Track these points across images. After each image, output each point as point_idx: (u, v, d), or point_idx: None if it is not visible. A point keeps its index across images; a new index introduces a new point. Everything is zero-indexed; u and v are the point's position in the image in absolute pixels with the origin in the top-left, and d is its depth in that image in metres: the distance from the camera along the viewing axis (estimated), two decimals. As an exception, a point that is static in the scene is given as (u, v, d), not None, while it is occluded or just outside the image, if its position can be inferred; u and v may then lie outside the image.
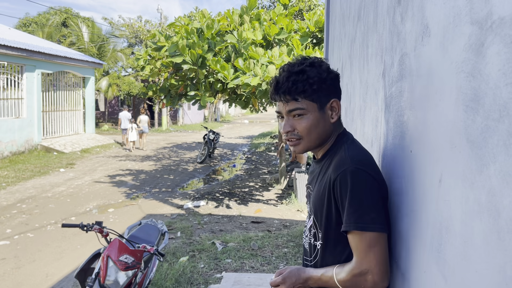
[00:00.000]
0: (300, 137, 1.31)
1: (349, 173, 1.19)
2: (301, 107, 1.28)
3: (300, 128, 1.30)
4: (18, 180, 9.63)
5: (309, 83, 1.26)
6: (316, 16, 8.12)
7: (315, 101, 1.28)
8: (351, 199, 1.18)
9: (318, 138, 1.32)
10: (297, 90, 1.27)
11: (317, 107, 1.29)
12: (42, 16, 27.55)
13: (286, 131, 1.32)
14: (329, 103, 1.31)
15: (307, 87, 1.26)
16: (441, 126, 0.84)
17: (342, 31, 3.03)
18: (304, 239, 1.47)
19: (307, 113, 1.29)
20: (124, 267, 2.83)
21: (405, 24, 1.13)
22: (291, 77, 1.28)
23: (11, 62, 12.98)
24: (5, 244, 5.50)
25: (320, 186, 1.31)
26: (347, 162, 1.21)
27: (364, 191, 1.17)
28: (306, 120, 1.29)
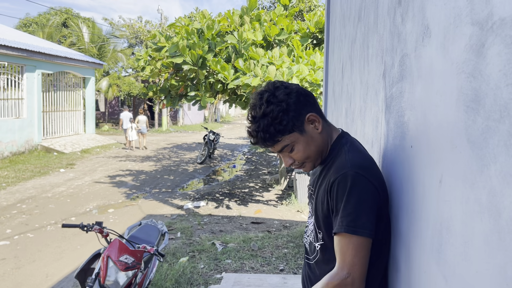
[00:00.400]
0: (303, 162, 1.36)
1: (347, 176, 1.21)
2: (286, 144, 1.31)
3: (297, 157, 1.34)
4: (18, 180, 9.63)
5: (276, 123, 1.28)
6: (316, 16, 8.13)
7: (293, 130, 1.30)
8: (347, 203, 1.19)
9: (317, 153, 1.35)
10: (271, 136, 1.30)
11: (297, 133, 1.31)
12: (42, 16, 27.56)
13: (289, 165, 1.37)
14: (305, 122, 1.32)
15: (277, 127, 1.28)
16: (441, 126, 0.84)
17: (342, 32, 3.03)
18: (305, 238, 1.49)
19: (294, 144, 1.32)
20: (124, 267, 2.83)
21: (406, 24, 1.13)
22: (259, 128, 1.30)
23: (11, 62, 12.99)
24: (5, 244, 5.50)
25: (321, 189, 1.33)
26: (347, 165, 1.23)
27: (360, 196, 1.19)
28: (297, 149, 1.32)
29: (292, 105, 1.30)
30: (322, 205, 1.30)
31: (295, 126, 1.30)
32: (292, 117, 1.29)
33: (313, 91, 6.87)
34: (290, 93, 1.32)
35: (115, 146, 16.55)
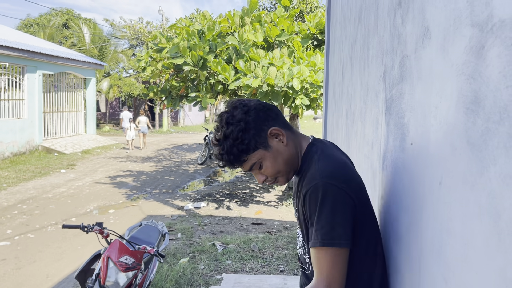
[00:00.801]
0: (275, 177, 1.34)
1: (318, 188, 1.18)
2: (253, 162, 1.30)
3: (267, 173, 1.32)
4: (19, 180, 9.64)
5: (238, 143, 1.27)
6: (317, 18, 8.14)
7: (257, 148, 1.29)
8: (319, 215, 1.17)
9: (287, 165, 1.33)
10: (236, 158, 1.29)
11: (262, 150, 1.30)
12: (43, 17, 27.60)
13: (262, 182, 1.36)
14: (268, 137, 1.30)
15: (240, 147, 1.27)
16: (441, 128, 0.84)
17: (343, 33, 3.03)
18: (297, 249, 1.48)
19: (262, 161, 1.31)
20: (124, 268, 2.83)
21: (406, 26, 1.13)
22: (223, 150, 1.30)
23: (12, 63, 13.01)
24: (6, 244, 5.50)
25: (298, 201, 1.31)
26: (317, 176, 1.20)
27: (332, 207, 1.17)
28: (266, 166, 1.31)
29: (252, 123, 1.29)
30: (303, 218, 1.28)
31: (258, 143, 1.29)
32: (253, 135, 1.28)
33: (314, 92, 6.88)
34: (248, 111, 1.30)
35: (115, 147, 16.56)
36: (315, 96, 7.01)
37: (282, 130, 1.32)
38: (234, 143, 1.27)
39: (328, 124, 4.27)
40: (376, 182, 1.52)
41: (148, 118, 18.97)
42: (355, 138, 2.13)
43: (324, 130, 4.49)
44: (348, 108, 2.48)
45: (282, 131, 1.31)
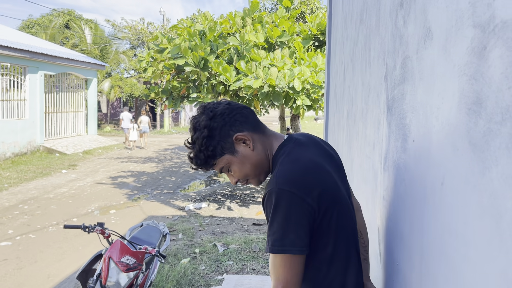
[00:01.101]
0: (246, 179, 1.35)
1: (272, 194, 1.17)
2: (221, 166, 1.33)
3: (237, 176, 1.34)
4: (20, 181, 9.65)
5: (203, 150, 1.29)
6: (318, 18, 8.14)
7: (223, 153, 1.31)
8: (272, 220, 1.17)
9: (255, 170, 1.33)
10: (203, 162, 1.32)
11: (229, 155, 1.31)
12: (45, 18, 27.64)
13: (234, 183, 1.38)
14: (235, 143, 1.30)
15: (206, 153, 1.30)
16: (443, 129, 0.84)
17: (344, 34, 3.03)
18: None
19: (230, 165, 1.32)
20: (125, 268, 2.83)
21: (408, 27, 1.13)
22: (192, 155, 1.33)
23: (14, 63, 13.03)
24: (7, 245, 5.51)
25: None
26: (273, 181, 1.20)
27: (285, 213, 1.15)
28: (234, 170, 1.33)
29: (216, 129, 1.29)
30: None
31: (224, 148, 1.30)
32: (218, 141, 1.29)
33: (315, 93, 6.88)
34: (213, 116, 1.30)
35: (117, 147, 16.58)
36: (316, 97, 7.01)
37: (249, 135, 1.31)
38: (200, 149, 1.29)
39: (329, 125, 4.27)
40: (377, 182, 1.52)
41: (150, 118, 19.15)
42: (356, 139, 2.13)
43: (325, 130, 4.49)
44: (350, 109, 2.48)
45: (249, 136, 1.31)
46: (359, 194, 1.98)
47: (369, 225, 1.66)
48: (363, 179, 1.85)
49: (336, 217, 1.21)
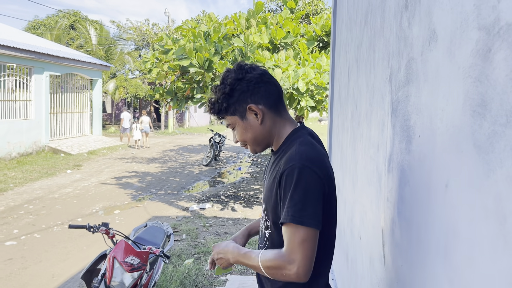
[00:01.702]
0: (244, 143, 1.48)
1: (295, 169, 1.25)
2: (229, 122, 1.46)
3: (238, 137, 1.47)
4: (26, 181, 9.71)
5: (219, 103, 1.42)
6: (322, 20, 8.14)
7: (234, 114, 1.42)
8: (293, 193, 1.24)
9: (255, 141, 1.44)
10: (215, 112, 1.45)
11: (238, 118, 1.42)
12: (51, 18, 27.79)
13: (235, 142, 1.50)
14: (247, 110, 1.40)
15: (220, 107, 1.43)
16: (447, 130, 0.84)
17: (348, 36, 3.03)
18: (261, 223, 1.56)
19: (235, 125, 1.45)
20: (130, 268, 2.84)
21: (412, 29, 1.13)
22: (213, 100, 1.46)
23: (20, 64, 13.12)
24: (12, 244, 5.54)
25: (271, 178, 1.39)
26: (296, 158, 1.27)
27: (306, 188, 1.23)
28: (237, 130, 1.45)
29: (236, 92, 1.40)
30: (271, 195, 1.36)
31: (236, 110, 1.41)
32: (233, 103, 1.41)
33: (319, 94, 6.87)
34: (241, 79, 1.40)
35: (121, 148, 16.64)
36: (320, 98, 7.01)
37: (263, 110, 1.40)
38: (217, 100, 1.43)
39: (333, 126, 4.27)
40: (381, 184, 1.52)
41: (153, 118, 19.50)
42: (360, 140, 2.13)
43: (330, 132, 4.49)
44: (354, 110, 2.48)
45: (261, 111, 1.40)
46: (363, 195, 1.98)
47: (373, 226, 1.66)
48: (367, 180, 1.85)
49: (334, 206, 1.35)
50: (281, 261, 1.24)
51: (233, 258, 1.42)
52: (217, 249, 1.49)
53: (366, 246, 1.84)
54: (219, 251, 1.47)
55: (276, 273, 1.26)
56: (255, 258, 1.33)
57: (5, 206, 7.48)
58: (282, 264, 1.23)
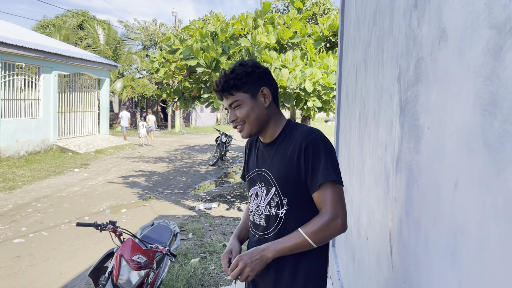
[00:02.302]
0: (242, 122, 1.59)
1: (320, 139, 1.49)
2: (236, 100, 1.57)
3: (240, 115, 1.57)
4: (34, 179, 9.79)
5: (237, 78, 1.55)
6: (330, 20, 8.12)
7: (246, 91, 1.57)
8: (327, 158, 1.46)
9: (257, 121, 1.58)
10: (230, 86, 1.56)
11: (249, 96, 1.57)
12: (59, 18, 28.00)
13: (231, 120, 1.61)
14: (259, 92, 1.58)
15: (237, 81, 1.55)
16: (457, 130, 0.84)
17: (356, 35, 3.03)
18: (256, 218, 1.65)
19: (243, 103, 1.57)
20: (136, 266, 2.85)
21: (422, 28, 1.13)
22: (225, 77, 1.58)
23: (29, 63, 13.23)
24: (20, 242, 5.59)
25: (284, 159, 1.54)
26: (314, 131, 1.51)
27: (333, 154, 1.49)
28: (242, 108, 1.57)
29: (256, 73, 1.58)
30: (290, 172, 1.51)
31: (250, 89, 1.57)
32: (251, 81, 1.56)
33: (326, 95, 6.86)
34: (259, 66, 1.61)
35: (128, 147, 16.72)
36: (327, 98, 6.99)
37: (271, 97, 1.60)
38: (235, 78, 1.55)
39: (340, 126, 4.26)
40: (389, 184, 1.51)
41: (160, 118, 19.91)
42: (368, 140, 2.12)
43: (337, 132, 4.48)
44: (362, 110, 2.47)
45: (270, 96, 1.60)
46: (370, 195, 1.98)
47: (381, 226, 1.66)
48: (375, 180, 1.84)
49: None
50: (327, 220, 1.43)
51: (271, 252, 1.47)
52: (246, 257, 1.48)
53: (373, 246, 1.84)
54: (252, 256, 1.47)
55: (324, 234, 1.44)
56: (296, 235, 1.46)
57: (13, 204, 7.55)
58: (329, 223, 1.43)
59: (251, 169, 1.73)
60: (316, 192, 1.47)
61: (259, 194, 1.65)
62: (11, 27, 15.70)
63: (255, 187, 1.67)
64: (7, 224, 6.33)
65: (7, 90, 12.51)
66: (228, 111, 1.66)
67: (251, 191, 1.70)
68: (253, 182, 1.69)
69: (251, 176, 1.71)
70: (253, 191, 1.69)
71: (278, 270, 1.56)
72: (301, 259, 1.52)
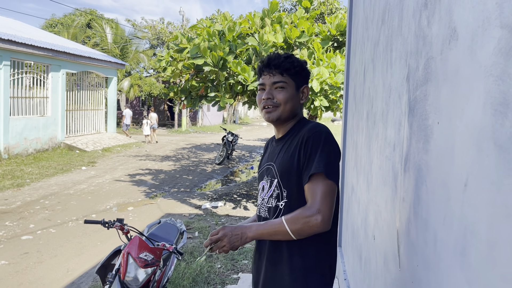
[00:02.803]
0: (278, 105, 1.61)
1: (321, 132, 1.51)
2: (284, 81, 1.61)
3: (279, 97, 1.61)
4: (42, 176, 9.87)
5: (294, 65, 1.61)
6: (337, 19, 8.10)
7: (295, 80, 1.63)
8: (322, 152, 1.46)
9: (290, 110, 1.62)
10: (285, 66, 1.60)
11: (294, 85, 1.63)
12: (67, 17, 28.17)
13: (266, 98, 1.62)
14: (302, 87, 1.66)
15: (292, 66, 1.61)
16: (467, 130, 0.83)
17: (365, 35, 3.02)
18: (261, 212, 1.69)
19: (287, 87, 1.61)
20: (143, 264, 2.87)
21: (432, 27, 1.13)
22: (282, 57, 1.62)
23: (37, 61, 13.33)
24: (28, 238, 5.64)
25: (288, 152, 1.57)
26: (320, 126, 1.54)
27: (332, 149, 1.49)
28: (285, 92, 1.61)
29: (305, 71, 1.67)
30: (290, 165, 1.53)
31: (296, 78, 1.63)
32: (301, 74, 1.65)
33: (333, 94, 6.84)
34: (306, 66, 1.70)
35: (135, 145, 16.79)
36: (334, 98, 6.97)
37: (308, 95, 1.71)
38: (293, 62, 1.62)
39: (348, 126, 4.25)
40: (397, 184, 1.51)
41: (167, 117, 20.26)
42: (376, 140, 2.11)
43: (344, 131, 4.47)
44: (369, 110, 2.46)
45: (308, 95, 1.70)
46: (377, 195, 1.97)
47: (388, 226, 1.65)
48: (383, 180, 1.84)
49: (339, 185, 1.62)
50: (308, 213, 1.40)
51: (252, 232, 1.47)
52: (228, 229, 1.50)
53: (380, 246, 1.84)
54: (234, 230, 1.49)
55: (303, 228, 1.40)
56: (278, 221, 1.44)
57: (21, 201, 7.62)
58: (310, 217, 1.40)
59: (262, 165, 1.77)
60: (307, 184, 1.47)
61: (265, 187, 1.68)
62: (20, 25, 15.83)
63: (263, 181, 1.70)
64: (15, 221, 6.39)
65: (16, 88, 12.61)
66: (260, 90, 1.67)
67: (260, 185, 1.73)
68: (261, 176, 1.73)
69: (261, 171, 1.74)
70: (261, 185, 1.72)
71: (275, 264, 1.58)
72: (295, 254, 1.53)
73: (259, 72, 1.67)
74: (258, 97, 1.68)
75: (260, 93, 1.66)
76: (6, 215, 6.65)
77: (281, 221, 1.44)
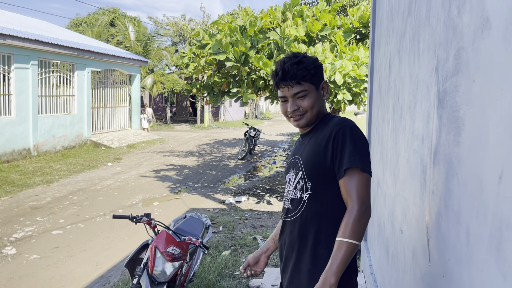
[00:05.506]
0: (305, 112, 1.64)
1: (351, 127, 1.53)
2: (304, 89, 1.62)
3: (304, 105, 1.63)
4: (70, 173, 10.13)
5: (307, 69, 1.61)
6: (360, 11, 7.97)
7: (313, 83, 1.64)
8: (355, 144, 1.49)
9: (317, 113, 1.65)
10: (301, 75, 1.60)
11: (314, 88, 1.64)
12: (91, 16, 28.69)
13: (292, 110, 1.64)
14: (321, 84, 1.67)
15: (307, 72, 1.60)
16: (502, 121, 0.81)
17: (390, 26, 2.97)
18: (285, 203, 1.72)
19: (309, 93, 1.63)
20: (171, 258, 2.92)
21: (462, 17, 1.10)
22: (294, 66, 1.60)
23: (63, 60, 13.64)
24: (59, 233, 5.81)
25: (315, 145, 1.60)
26: (346, 120, 1.57)
27: (363, 141, 1.52)
28: (309, 99, 1.63)
29: (320, 68, 1.66)
30: (317, 156, 1.56)
31: (315, 81, 1.64)
32: (317, 74, 1.64)
33: (357, 87, 6.76)
34: (319, 62, 1.68)
35: (159, 142, 17.02)
36: (357, 91, 6.89)
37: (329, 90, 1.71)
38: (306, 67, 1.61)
39: (372, 119, 4.20)
40: (426, 177, 1.49)
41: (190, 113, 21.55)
42: (403, 133, 2.08)
43: (369, 124, 4.41)
44: (396, 102, 2.43)
45: (328, 90, 1.70)
46: (405, 189, 1.95)
47: (417, 220, 1.63)
48: (410, 173, 1.82)
49: None
50: (358, 215, 1.43)
51: (332, 277, 1.38)
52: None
53: (408, 240, 1.81)
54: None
55: (360, 228, 1.43)
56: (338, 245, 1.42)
57: (51, 197, 7.85)
58: (360, 216, 1.43)
59: (289, 159, 1.80)
60: (342, 178, 1.49)
61: (291, 180, 1.70)
62: (46, 25, 16.22)
63: (289, 174, 1.73)
64: (46, 216, 6.59)
65: (43, 87, 12.95)
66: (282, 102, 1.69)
67: (286, 178, 1.76)
68: (288, 169, 1.76)
69: (288, 164, 1.77)
70: (287, 178, 1.75)
71: (300, 253, 1.63)
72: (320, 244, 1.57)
73: (276, 84, 1.67)
74: (282, 108, 1.69)
75: (284, 105, 1.67)
76: (37, 211, 6.87)
77: (342, 242, 1.40)
